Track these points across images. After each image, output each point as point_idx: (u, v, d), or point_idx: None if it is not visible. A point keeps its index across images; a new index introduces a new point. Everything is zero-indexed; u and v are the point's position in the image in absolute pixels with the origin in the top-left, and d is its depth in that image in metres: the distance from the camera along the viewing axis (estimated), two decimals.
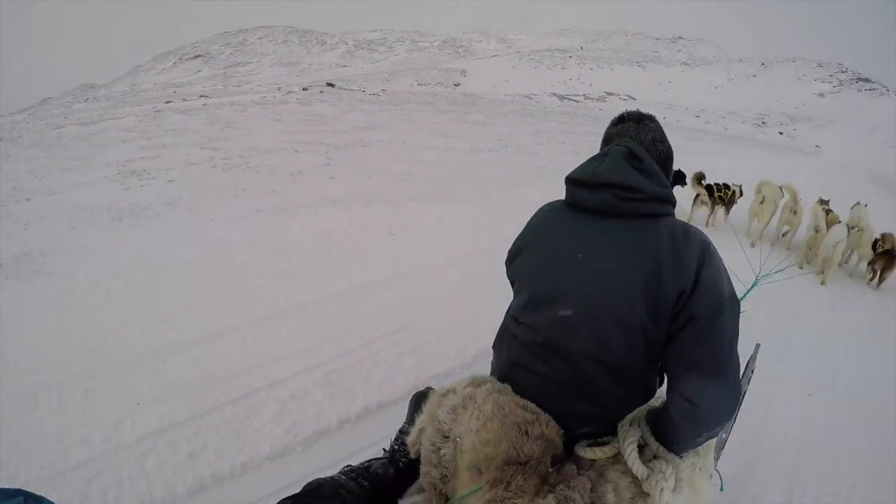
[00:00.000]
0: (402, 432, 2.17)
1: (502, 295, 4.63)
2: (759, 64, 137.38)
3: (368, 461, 2.15)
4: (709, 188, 9.25)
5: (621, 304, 1.68)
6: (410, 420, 2.06)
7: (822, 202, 9.01)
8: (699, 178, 9.31)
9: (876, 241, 7.82)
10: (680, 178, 9.45)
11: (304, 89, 26.78)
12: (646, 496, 1.73)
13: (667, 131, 2.02)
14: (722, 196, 9.37)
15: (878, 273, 7.85)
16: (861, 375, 5.19)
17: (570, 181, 1.90)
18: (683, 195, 9.31)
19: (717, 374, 1.63)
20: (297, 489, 1.83)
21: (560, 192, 1.98)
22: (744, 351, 3.40)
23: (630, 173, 1.75)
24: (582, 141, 17.12)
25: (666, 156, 1.96)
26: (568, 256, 1.81)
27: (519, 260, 2.03)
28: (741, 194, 9.79)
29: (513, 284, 2.09)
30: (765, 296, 6.17)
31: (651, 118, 2.02)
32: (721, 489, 2.53)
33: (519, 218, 2.06)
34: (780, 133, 63.82)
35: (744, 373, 3.19)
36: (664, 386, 1.86)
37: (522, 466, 1.64)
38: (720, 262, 1.75)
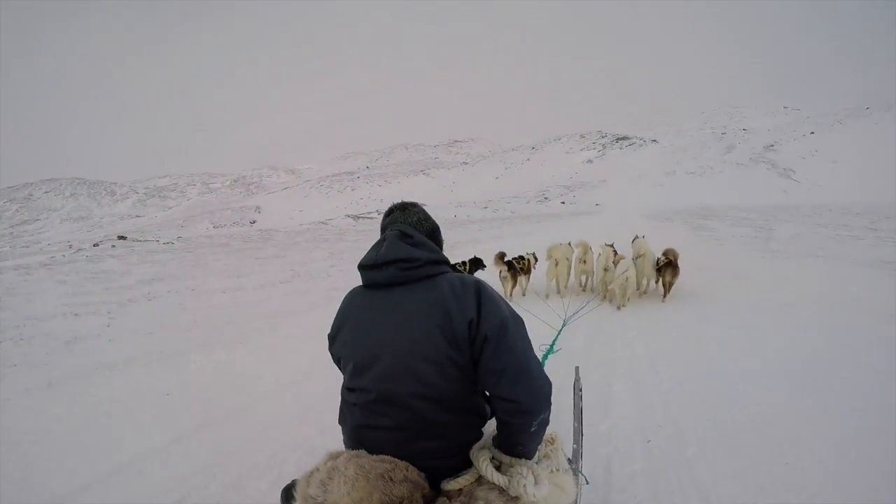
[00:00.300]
0: None
1: (284, 441, 4.40)
2: (531, 148, 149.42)
3: None
4: (509, 264, 10.18)
5: (427, 345, 2.02)
6: None
7: (609, 246, 10.28)
8: (501, 256, 10.27)
9: (658, 259, 9.32)
10: (478, 263, 10.66)
11: (95, 245, 25.31)
12: (516, 499, 1.99)
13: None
14: (522, 267, 10.39)
15: (667, 284, 9.23)
16: (696, 397, 5.08)
17: (362, 267, 2.24)
18: (491, 275, 10.08)
19: (521, 373, 2.00)
20: None
21: None
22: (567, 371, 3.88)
23: (406, 249, 2.15)
24: None
25: (432, 229, 2.41)
26: (375, 324, 2.14)
27: (338, 340, 2.28)
28: (536, 260, 10.99)
29: (339, 362, 2.34)
30: (574, 354, 6.13)
31: (413, 204, 2.48)
32: (587, 483, 3.20)
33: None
34: (563, 203, 69.95)
35: (573, 392, 3.78)
36: None
37: None
38: (494, 293, 2.16)
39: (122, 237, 32.59)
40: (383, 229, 2.39)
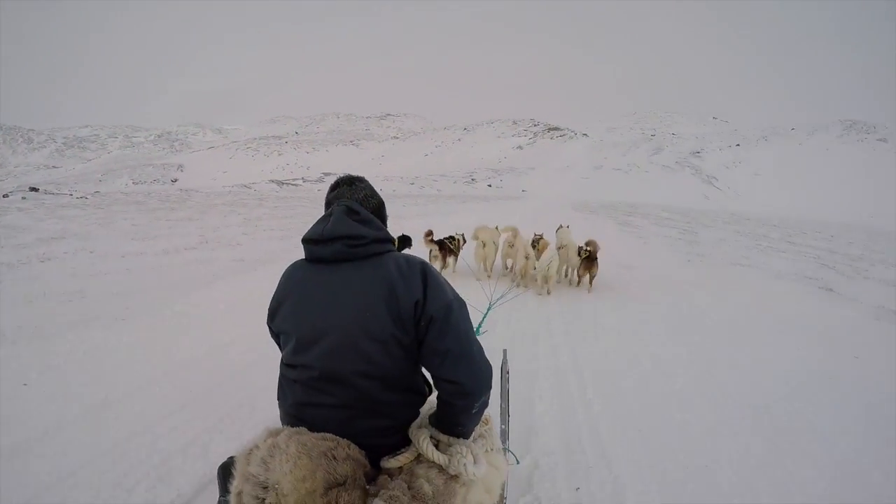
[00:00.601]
0: None
1: (141, 458, 3.55)
2: (462, 129, 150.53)
3: None
4: (439, 242, 10.33)
5: (372, 323, 2.00)
6: (224, 491, 2.04)
7: (536, 235, 10.23)
8: (429, 234, 10.36)
9: (580, 249, 9.61)
10: (406, 241, 10.10)
11: (4, 196, 24.20)
12: (455, 478, 2.03)
13: (385, 201, 2.51)
14: (451, 247, 10.37)
15: (588, 276, 9.56)
16: (630, 426, 4.38)
17: (306, 241, 2.19)
18: (418, 253, 9.75)
19: (464, 356, 2.03)
20: None
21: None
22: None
23: (352, 225, 2.12)
24: (292, 224, 17.22)
25: (378, 205, 2.41)
26: (320, 300, 2.08)
27: (279, 315, 2.23)
28: (465, 241, 10.96)
29: (278, 338, 2.33)
30: (496, 362, 5.33)
31: (361, 179, 2.45)
32: (517, 463, 3.46)
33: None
34: (489, 185, 70.94)
35: (501, 374, 3.87)
36: (436, 393, 2.16)
37: (342, 486, 1.82)
38: (438, 274, 2.17)
39: (33, 189, 31.28)
40: (328, 204, 2.36)
